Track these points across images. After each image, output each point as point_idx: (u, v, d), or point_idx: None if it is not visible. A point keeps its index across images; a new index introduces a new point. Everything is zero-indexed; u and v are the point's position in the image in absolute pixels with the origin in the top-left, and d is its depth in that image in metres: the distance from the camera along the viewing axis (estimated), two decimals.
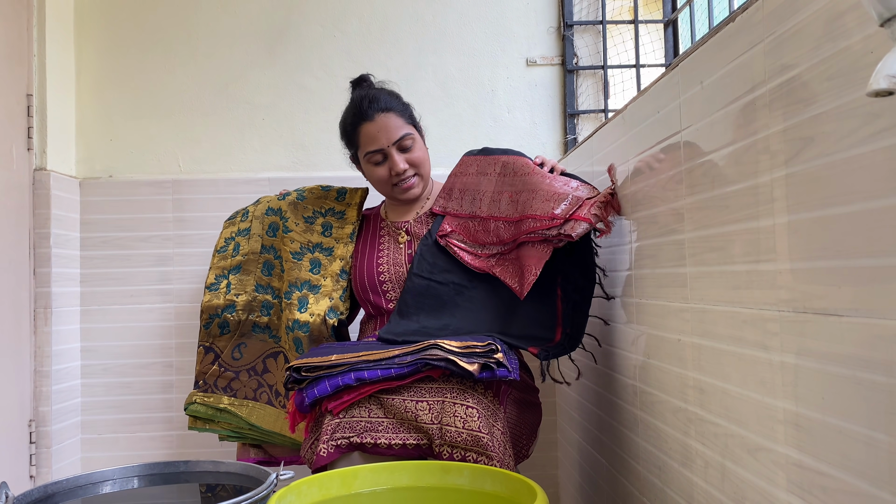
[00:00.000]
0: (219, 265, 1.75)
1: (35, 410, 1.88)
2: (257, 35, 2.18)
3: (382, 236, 1.68)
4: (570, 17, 2.21)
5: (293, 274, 1.67)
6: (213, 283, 1.73)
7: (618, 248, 1.42)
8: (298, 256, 1.69)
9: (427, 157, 1.66)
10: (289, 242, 1.71)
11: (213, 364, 1.71)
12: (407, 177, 1.62)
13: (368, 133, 1.59)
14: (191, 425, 1.72)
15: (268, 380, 1.69)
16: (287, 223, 1.73)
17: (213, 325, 1.71)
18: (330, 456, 1.28)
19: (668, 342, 1.15)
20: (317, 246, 1.71)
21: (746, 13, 0.88)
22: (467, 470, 1.16)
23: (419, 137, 1.64)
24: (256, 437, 1.69)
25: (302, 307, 1.62)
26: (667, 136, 1.13)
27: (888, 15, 0.52)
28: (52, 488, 1.24)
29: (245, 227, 1.76)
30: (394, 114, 1.59)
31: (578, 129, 2.21)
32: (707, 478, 1.02)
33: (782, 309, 0.80)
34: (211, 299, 1.71)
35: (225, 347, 1.71)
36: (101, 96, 2.14)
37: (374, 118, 1.58)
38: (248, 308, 1.71)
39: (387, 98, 1.61)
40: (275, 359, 1.70)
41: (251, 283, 1.72)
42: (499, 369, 1.28)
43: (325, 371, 1.33)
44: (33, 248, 1.90)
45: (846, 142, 0.69)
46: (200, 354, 1.72)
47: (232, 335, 1.71)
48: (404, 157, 1.60)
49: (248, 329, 1.71)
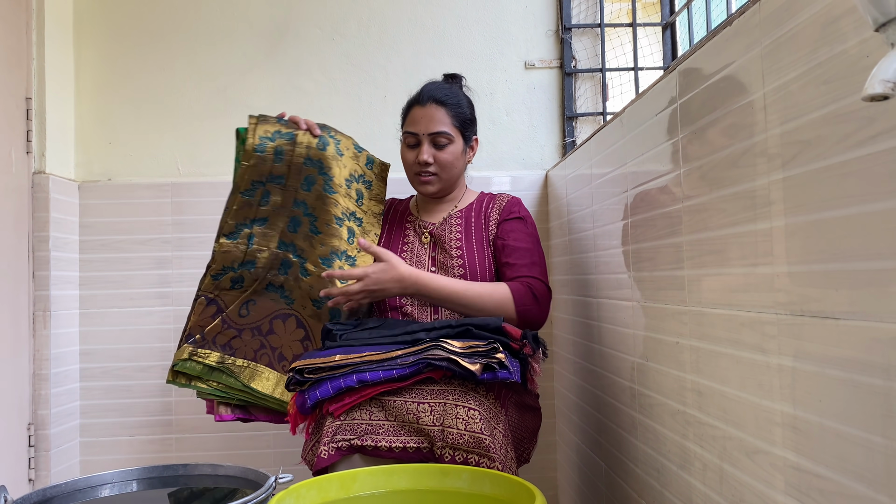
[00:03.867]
0: (241, 211, 1.56)
1: (34, 414, 1.88)
2: (256, 38, 2.18)
3: (408, 231, 1.69)
4: (569, 20, 2.21)
5: (332, 242, 1.56)
6: (232, 232, 1.56)
7: (616, 251, 1.43)
8: (339, 222, 1.58)
9: (456, 164, 1.63)
10: (332, 205, 1.58)
11: (215, 318, 1.55)
12: (427, 171, 1.62)
13: (414, 115, 1.62)
14: (170, 379, 1.53)
15: (272, 341, 1.56)
16: (331, 183, 1.58)
17: (226, 277, 1.56)
18: (331, 458, 1.28)
19: (666, 345, 1.15)
20: (352, 214, 1.62)
21: (744, 17, 0.88)
22: (466, 473, 1.16)
23: (459, 144, 1.63)
24: (246, 399, 1.54)
25: (343, 280, 1.52)
26: (665, 139, 1.14)
27: (883, 20, 0.52)
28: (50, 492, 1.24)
29: (280, 172, 1.57)
30: (444, 109, 1.60)
31: (577, 131, 2.21)
32: (705, 480, 1.02)
33: (780, 312, 0.80)
34: (230, 249, 1.55)
35: (232, 303, 1.56)
36: (100, 99, 2.15)
37: (426, 104, 1.61)
38: (268, 266, 1.56)
39: (447, 94, 1.62)
40: (283, 321, 1.57)
41: (275, 239, 1.57)
42: (500, 371, 1.29)
43: (327, 373, 1.34)
44: (32, 251, 1.90)
45: (842, 145, 0.69)
46: (201, 305, 1.56)
47: (243, 292, 1.56)
48: (434, 151, 1.61)
49: (262, 287, 1.56)
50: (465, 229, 1.64)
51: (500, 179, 2.17)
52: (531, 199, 2.17)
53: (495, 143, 2.20)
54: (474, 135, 1.69)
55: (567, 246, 1.89)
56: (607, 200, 1.48)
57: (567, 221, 1.88)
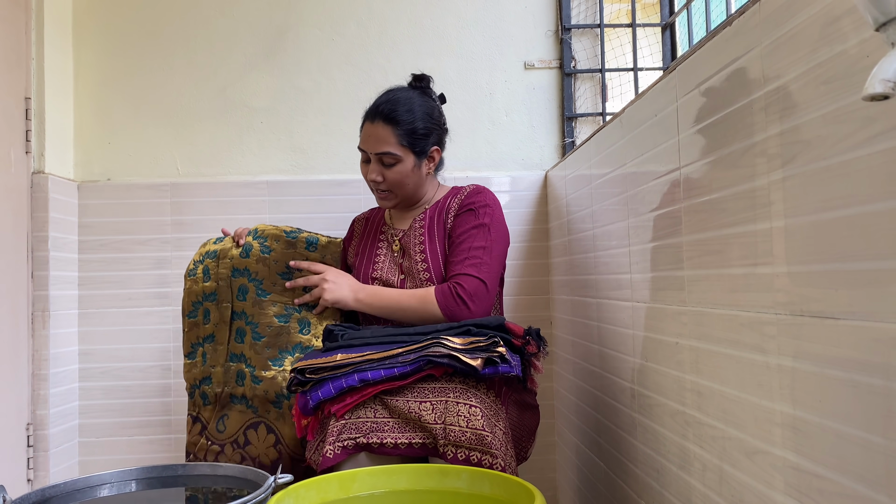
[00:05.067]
0: (192, 333, 1.66)
1: (33, 414, 1.88)
2: (255, 38, 2.18)
3: (381, 242, 1.67)
4: (568, 21, 2.21)
5: (280, 341, 1.60)
6: (190, 352, 1.66)
7: (616, 251, 1.43)
8: (285, 319, 1.62)
9: (407, 181, 1.58)
10: (270, 306, 1.62)
11: (201, 436, 1.63)
12: (379, 188, 1.60)
13: (365, 131, 1.59)
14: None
15: (250, 452, 1.59)
16: (261, 285, 1.63)
17: (196, 395, 1.65)
18: (337, 457, 1.28)
19: (665, 345, 1.15)
20: (300, 307, 1.64)
21: (743, 17, 0.88)
22: (465, 473, 1.16)
23: (409, 161, 1.56)
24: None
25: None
26: (664, 140, 1.14)
27: (883, 19, 0.52)
28: (49, 492, 1.23)
29: (211, 289, 1.64)
30: (391, 128, 1.53)
31: (576, 132, 2.21)
32: (705, 481, 1.02)
33: (779, 312, 0.80)
34: (189, 369, 1.65)
35: (210, 419, 1.63)
36: (100, 99, 2.14)
37: (374, 122, 1.56)
38: (224, 380, 1.62)
39: (396, 110, 1.55)
40: (255, 429, 1.60)
41: (223, 353, 1.63)
42: (502, 365, 1.30)
43: (328, 373, 1.34)
44: (31, 251, 1.90)
45: (842, 145, 0.69)
46: (189, 424, 1.65)
47: (213, 406, 1.63)
48: (382, 170, 1.57)
49: (227, 401, 1.62)
50: (428, 232, 1.61)
51: (500, 180, 2.17)
52: (531, 199, 2.17)
53: (495, 144, 2.20)
54: (432, 146, 1.60)
55: (567, 246, 1.89)
56: (607, 201, 1.48)
57: (567, 222, 1.88)
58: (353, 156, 2.18)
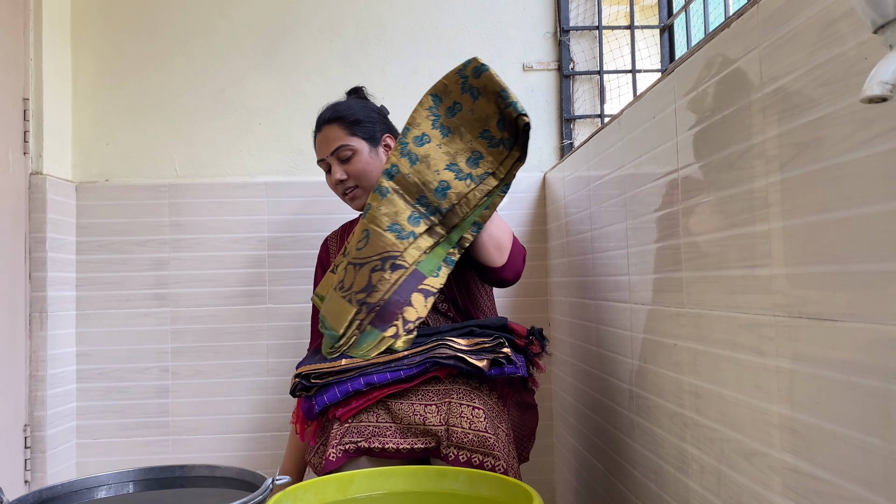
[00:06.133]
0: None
1: (30, 415, 1.87)
2: (254, 39, 2.18)
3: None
4: (567, 23, 2.21)
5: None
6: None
7: (614, 253, 1.43)
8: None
9: (369, 169, 1.59)
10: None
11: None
12: (348, 187, 1.61)
13: (316, 145, 1.65)
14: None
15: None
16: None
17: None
18: (339, 460, 1.29)
19: (664, 347, 1.15)
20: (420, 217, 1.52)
21: (742, 19, 0.88)
22: (463, 475, 1.16)
23: (364, 148, 1.59)
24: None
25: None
26: (662, 142, 1.14)
27: (882, 21, 0.52)
28: (46, 493, 1.23)
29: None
30: (336, 125, 1.60)
31: (575, 133, 2.21)
32: (703, 482, 1.02)
33: (777, 314, 0.80)
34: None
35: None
36: (98, 100, 2.14)
37: (322, 129, 1.63)
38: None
39: (334, 111, 1.63)
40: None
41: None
42: (507, 366, 1.30)
43: (334, 377, 1.34)
44: (29, 252, 1.90)
45: (841, 147, 0.69)
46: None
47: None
48: (343, 167, 1.60)
49: None
50: None
51: None
52: (529, 201, 2.17)
53: None
54: (383, 132, 1.63)
55: (565, 248, 1.89)
56: (605, 202, 1.48)
57: (565, 223, 1.88)
58: None
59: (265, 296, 2.10)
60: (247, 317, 2.10)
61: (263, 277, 2.10)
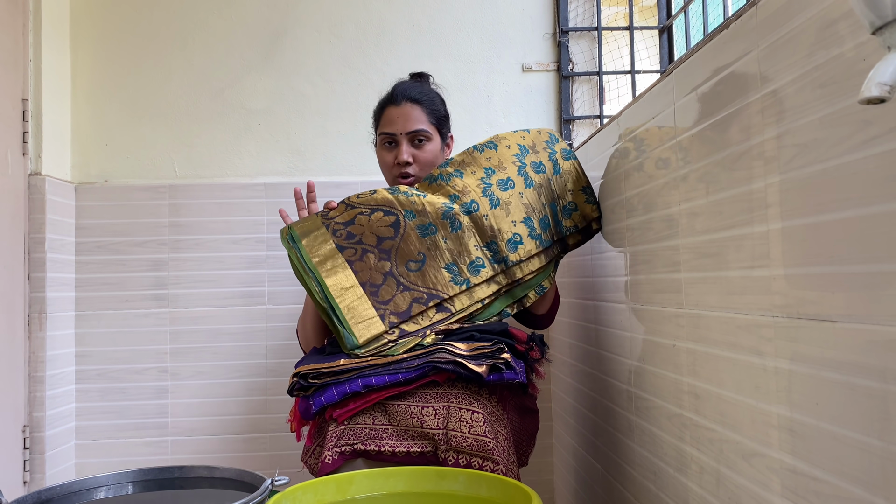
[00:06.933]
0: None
1: (29, 416, 1.87)
2: (253, 40, 2.18)
3: None
4: (566, 24, 2.22)
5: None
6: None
7: (613, 254, 1.43)
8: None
9: (436, 163, 1.61)
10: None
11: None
12: (408, 172, 1.60)
13: (389, 116, 1.61)
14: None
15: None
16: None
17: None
18: (335, 463, 1.28)
19: (663, 347, 1.15)
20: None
21: (740, 20, 0.88)
22: (463, 475, 1.16)
23: (437, 141, 1.62)
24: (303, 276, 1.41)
25: None
26: (661, 143, 1.14)
27: (880, 23, 0.52)
28: (45, 494, 1.23)
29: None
30: (421, 108, 1.60)
31: (574, 134, 2.21)
32: (702, 483, 1.02)
33: (776, 315, 0.80)
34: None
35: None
36: (97, 101, 2.14)
37: (400, 104, 1.60)
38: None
39: (421, 92, 1.62)
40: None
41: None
42: (507, 372, 1.29)
43: (332, 378, 1.33)
44: (28, 252, 1.90)
45: (839, 148, 0.69)
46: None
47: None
48: (413, 150, 1.60)
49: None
50: None
51: None
52: None
53: None
54: (449, 132, 1.68)
55: None
56: (604, 203, 1.48)
57: None
58: (351, 158, 2.18)
59: (264, 297, 2.10)
60: (246, 318, 2.10)
61: (262, 278, 2.10)
